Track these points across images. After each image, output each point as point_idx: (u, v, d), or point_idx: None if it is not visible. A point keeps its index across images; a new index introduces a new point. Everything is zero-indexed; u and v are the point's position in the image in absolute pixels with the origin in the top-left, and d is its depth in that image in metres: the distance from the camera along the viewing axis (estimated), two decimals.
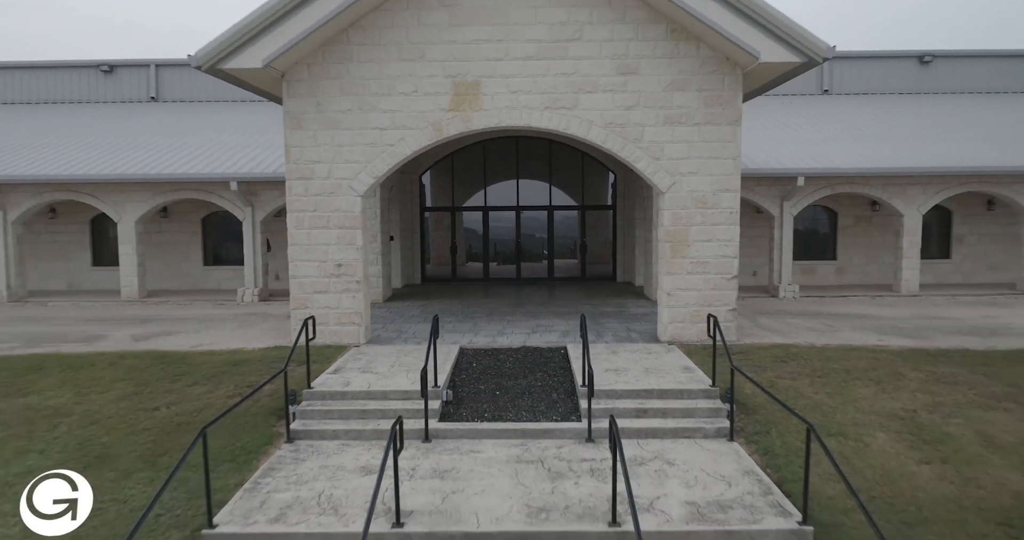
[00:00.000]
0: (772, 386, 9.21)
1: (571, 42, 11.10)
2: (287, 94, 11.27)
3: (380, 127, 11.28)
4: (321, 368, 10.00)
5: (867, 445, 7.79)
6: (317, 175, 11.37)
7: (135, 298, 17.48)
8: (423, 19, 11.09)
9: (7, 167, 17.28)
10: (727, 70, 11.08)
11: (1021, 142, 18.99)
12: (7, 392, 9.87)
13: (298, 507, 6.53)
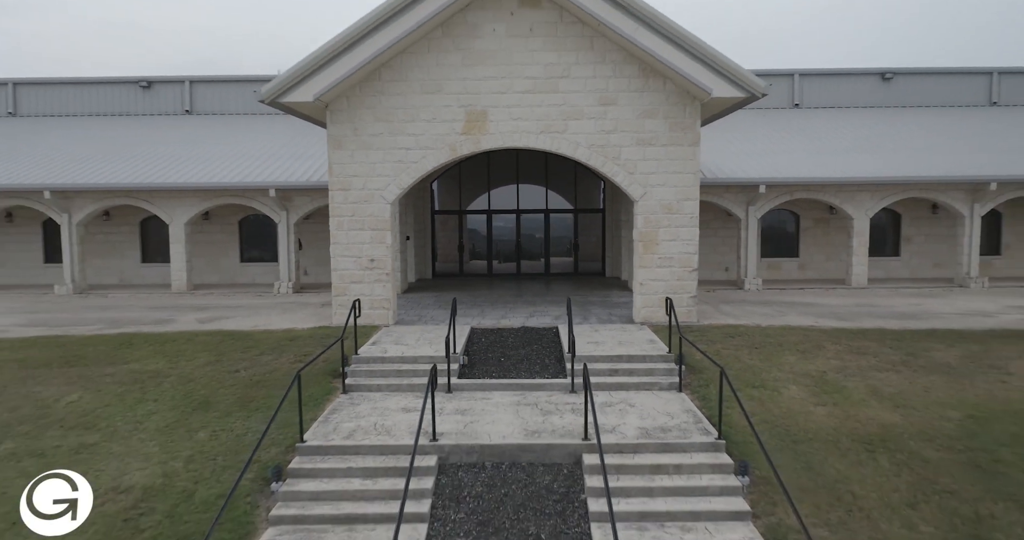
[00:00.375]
0: (717, 354, 11.75)
1: (561, 79, 13.66)
2: (330, 121, 13.82)
3: (406, 147, 13.83)
4: (361, 342, 12.53)
5: (780, 393, 10.35)
6: (354, 187, 13.92)
7: (184, 290, 20.05)
8: (441, 60, 13.65)
9: (74, 177, 19.84)
10: (687, 102, 13.63)
11: (965, 153, 21.58)
12: (112, 360, 12.42)
13: (360, 431, 9.08)
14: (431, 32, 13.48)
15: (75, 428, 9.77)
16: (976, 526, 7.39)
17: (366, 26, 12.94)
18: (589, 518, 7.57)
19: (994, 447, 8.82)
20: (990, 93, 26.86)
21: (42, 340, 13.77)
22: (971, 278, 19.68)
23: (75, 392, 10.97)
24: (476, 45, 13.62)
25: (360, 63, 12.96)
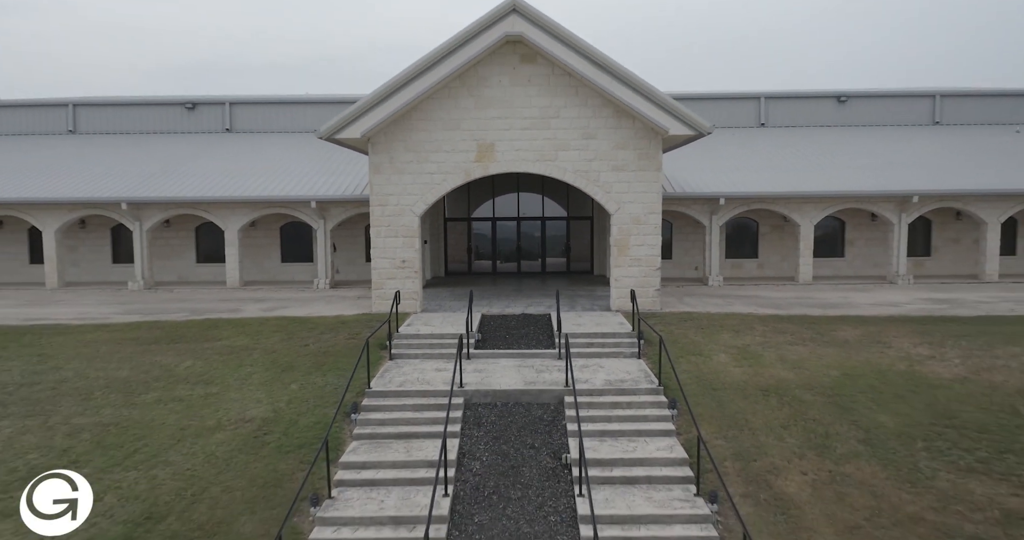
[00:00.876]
0: (670, 333, 15.46)
1: (553, 119, 17.38)
2: (371, 151, 17.54)
3: (430, 172, 17.55)
4: (397, 325, 16.24)
5: (711, 359, 14.08)
6: (390, 203, 17.64)
7: (237, 286, 23.77)
8: (458, 104, 17.37)
9: (145, 192, 23.55)
10: (651, 137, 17.35)
11: (901, 167, 25.25)
12: (206, 338, 16.14)
13: (408, 382, 12.80)
14: (450, 82, 17.20)
15: (198, 383, 13.50)
16: (824, 439, 11.10)
17: (401, 80, 16.69)
18: (567, 435, 11.29)
19: (853, 393, 12.55)
20: (933, 113, 30.60)
21: (144, 324, 17.50)
22: (899, 276, 23.40)
23: (187, 360, 14.70)
24: (486, 92, 17.34)
25: (396, 109, 16.70)
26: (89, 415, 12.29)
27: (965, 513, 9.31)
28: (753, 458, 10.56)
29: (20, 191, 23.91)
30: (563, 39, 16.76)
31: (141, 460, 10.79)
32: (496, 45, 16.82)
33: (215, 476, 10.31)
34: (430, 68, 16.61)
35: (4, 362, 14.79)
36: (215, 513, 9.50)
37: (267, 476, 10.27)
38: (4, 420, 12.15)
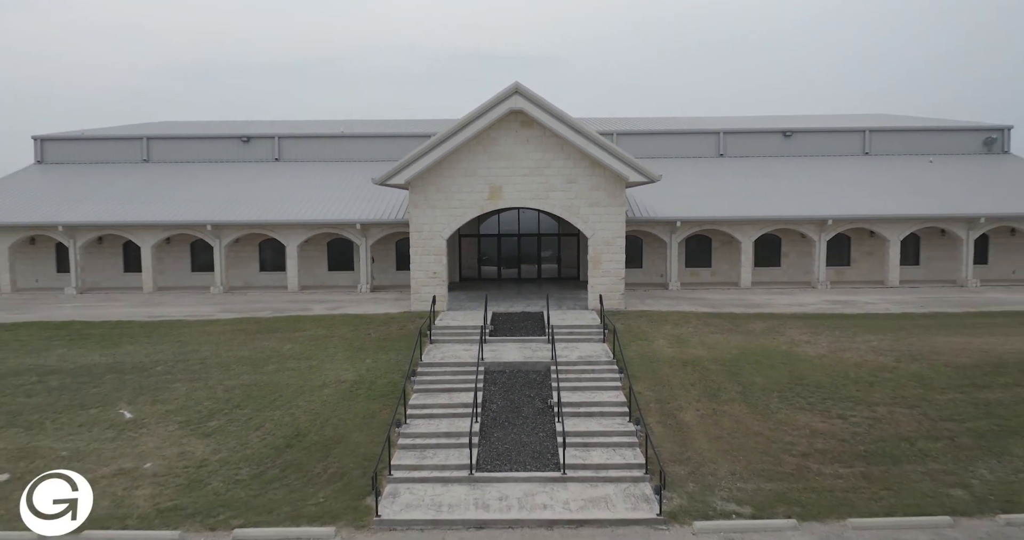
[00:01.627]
0: (627, 325, 21.60)
1: (545, 168, 23.57)
2: (411, 191, 23.71)
3: (454, 207, 23.73)
4: (432, 320, 22.37)
5: (653, 343, 20.25)
6: (424, 230, 23.82)
7: (296, 290, 29.93)
8: (475, 158, 23.54)
9: (225, 216, 29.68)
10: (617, 182, 23.53)
11: (826, 194, 31.30)
12: (294, 329, 22.29)
13: (446, 357, 19.00)
14: (469, 142, 23.37)
15: (300, 359, 19.65)
16: (715, 392, 17.24)
17: (434, 143, 22.91)
18: (551, 389, 17.43)
19: (743, 364, 18.71)
20: (864, 146, 36.76)
21: (243, 320, 23.66)
22: (819, 282, 29.59)
23: (287, 344, 20.87)
24: (495, 148, 23.52)
25: (429, 163, 22.90)
26: (233, 379, 18.45)
27: (788, 430, 15.47)
28: (667, 402, 16.73)
29: (122, 216, 30.04)
30: (552, 112, 22.95)
31: (280, 405, 16.95)
32: (503, 115, 23.02)
33: (331, 413, 16.48)
34: (455, 134, 22.83)
35: (158, 346, 20.96)
36: (337, 432, 15.66)
37: (364, 412, 16.44)
38: (178, 383, 18.30)
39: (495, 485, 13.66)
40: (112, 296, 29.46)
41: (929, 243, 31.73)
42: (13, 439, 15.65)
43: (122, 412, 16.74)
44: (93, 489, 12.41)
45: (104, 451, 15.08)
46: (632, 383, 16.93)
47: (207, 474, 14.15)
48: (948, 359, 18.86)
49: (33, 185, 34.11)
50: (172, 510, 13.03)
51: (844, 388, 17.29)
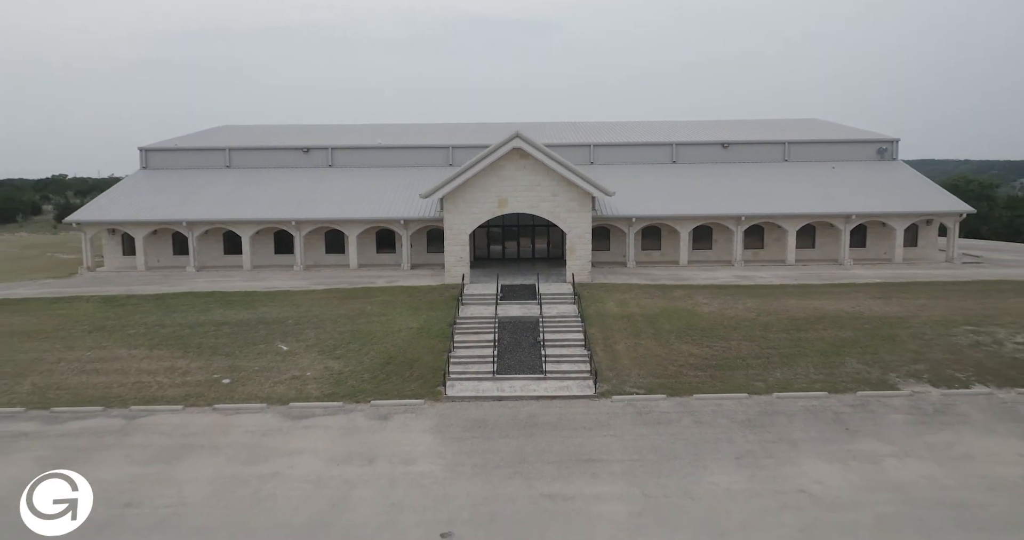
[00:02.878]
0: (590, 293, 32.39)
1: (536, 186, 34.24)
2: (446, 201, 34.38)
3: (474, 213, 34.43)
4: (462, 290, 33.10)
5: (605, 304, 31.10)
6: (454, 228, 34.56)
7: (355, 268, 40.65)
8: (488, 179, 34.16)
9: (304, 213, 40.25)
10: (586, 196, 34.21)
11: (747, 195, 41.83)
12: (368, 297, 33.10)
13: (474, 314, 29.84)
14: (484, 169, 33.94)
15: (379, 315, 30.49)
16: (638, 333, 28.09)
17: (461, 170, 33.50)
18: (539, 332, 28.24)
19: (660, 317, 29.54)
20: (784, 154, 47.23)
21: (331, 290, 34.44)
22: (736, 261, 40.38)
23: (367, 306, 31.69)
24: (502, 172, 34.12)
25: (458, 184, 33.55)
26: (341, 327, 29.27)
27: (675, 354, 26.29)
28: (607, 339, 27.59)
29: (229, 214, 40.62)
30: (540, 149, 33.50)
31: (375, 341, 27.78)
32: (507, 151, 33.58)
33: (407, 345, 27.33)
34: (475, 164, 33.42)
35: (282, 308, 31.74)
36: (413, 356, 26.50)
37: (427, 346, 27.27)
38: (307, 330, 29.10)
39: (507, 381, 24.57)
40: (222, 273, 40.22)
41: (822, 231, 42.41)
42: (222, 361, 26.49)
43: (280, 346, 27.63)
44: (279, 389, 23.37)
45: (279, 367, 25.94)
46: (587, 328, 27.82)
47: (344, 378, 25.01)
48: (790, 314, 29.73)
49: (148, 188, 44.64)
50: (331, 395, 23.88)
51: (716, 331, 28.14)
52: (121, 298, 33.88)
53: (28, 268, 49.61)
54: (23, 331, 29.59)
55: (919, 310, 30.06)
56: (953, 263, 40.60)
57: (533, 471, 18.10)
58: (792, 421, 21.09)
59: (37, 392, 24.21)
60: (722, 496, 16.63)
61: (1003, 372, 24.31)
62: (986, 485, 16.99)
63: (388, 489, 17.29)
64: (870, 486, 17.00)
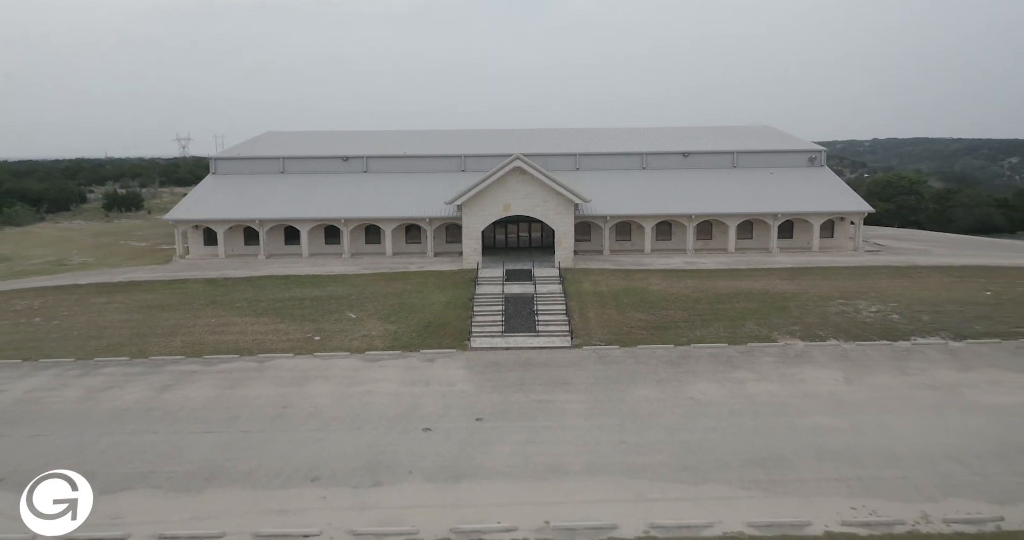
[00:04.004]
0: (572, 276, 42.94)
1: (532, 194, 44.73)
2: (463, 207, 44.86)
3: (485, 215, 44.94)
4: (477, 272, 43.63)
5: (582, 284, 41.71)
6: (471, 226, 45.10)
7: (390, 255, 51.18)
8: (495, 190, 44.59)
9: (351, 212, 50.68)
10: (569, 202, 44.67)
11: (698, 197, 52.23)
12: (407, 279, 43.67)
13: (486, 292, 40.42)
14: (493, 183, 44.34)
15: (417, 293, 41.09)
16: (603, 305, 38.66)
17: (474, 183, 43.92)
18: (535, 304, 38.86)
19: (621, 294, 40.15)
20: (733, 162, 57.56)
21: (376, 274, 45.02)
22: (689, 250, 50.94)
23: (407, 286, 42.28)
24: (506, 185, 44.56)
25: (472, 194, 44.01)
26: (391, 301, 39.83)
27: (629, 319, 36.95)
28: (582, 309, 38.17)
29: (291, 213, 51.04)
30: (534, 168, 43.89)
31: (417, 311, 38.35)
32: (510, 170, 43.98)
33: (440, 313, 37.92)
34: (484, 180, 43.81)
35: (344, 287, 42.29)
36: (445, 321, 37.05)
37: (455, 314, 37.83)
38: (367, 303, 39.69)
39: (511, 337, 35.20)
40: (286, 259, 50.73)
41: (758, 226, 52.88)
42: (310, 326, 37.07)
43: (349, 314, 38.25)
44: (355, 343, 34.09)
45: (351, 329, 36.53)
46: (568, 302, 38.44)
47: (399, 336, 35.61)
48: (716, 291, 40.31)
49: (222, 191, 54.99)
50: (391, 346, 34.49)
51: (660, 303, 38.73)
52: (220, 280, 44.45)
53: (119, 254, 60.21)
54: (157, 305, 40.19)
55: (810, 288, 40.72)
56: (857, 251, 51.23)
57: (529, 389, 28.82)
58: (699, 362, 31.79)
59: (187, 346, 34.87)
60: (641, 400, 27.37)
61: (853, 331, 34.98)
62: (802, 393, 27.74)
63: (440, 398, 28.02)
64: (732, 395, 27.74)
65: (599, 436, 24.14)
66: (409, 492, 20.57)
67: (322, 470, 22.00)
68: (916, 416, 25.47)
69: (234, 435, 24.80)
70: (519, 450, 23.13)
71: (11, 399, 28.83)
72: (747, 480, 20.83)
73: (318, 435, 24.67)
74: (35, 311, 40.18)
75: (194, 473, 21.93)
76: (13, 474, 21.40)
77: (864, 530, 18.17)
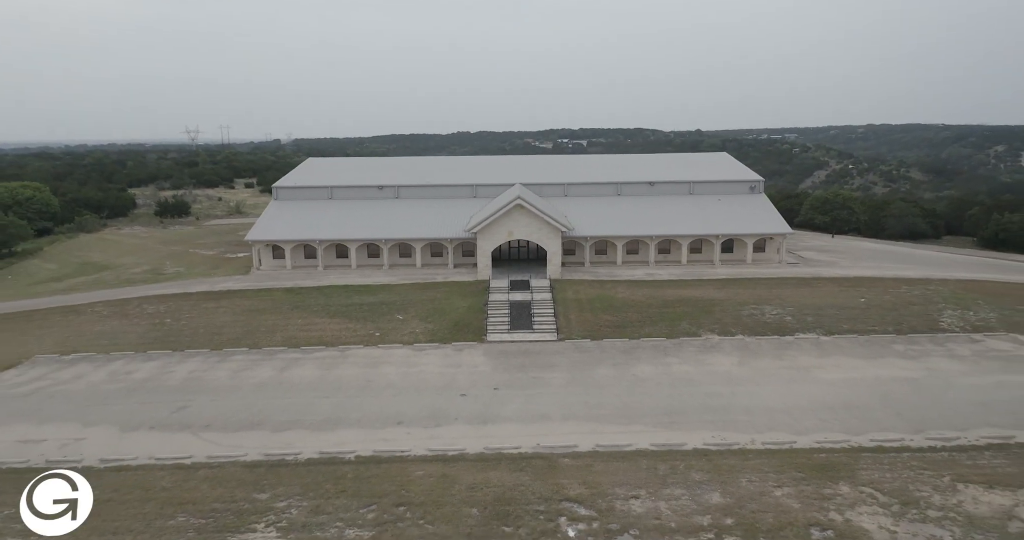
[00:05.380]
0: (559, 285, 56.39)
1: (529, 224, 58.15)
2: (478, 234, 58.32)
3: (493, 239, 58.39)
4: (489, 283, 57.09)
5: (567, 293, 55.18)
6: (484, 247, 58.56)
7: (419, 267, 64.65)
8: (501, 222, 58.00)
9: (389, 233, 64.14)
10: (557, 230, 58.15)
11: (660, 220, 65.65)
12: (435, 288, 57.16)
13: (495, 298, 53.96)
14: (500, 216, 57.76)
15: (444, 299, 54.60)
16: (582, 309, 52.25)
17: (486, 216, 57.41)
18: (532, 309, 52.39)
19: (595, 300, 53.63)
20: (689, 190, 70.93)
21: (411, 284, 58.52)
22: (651, 263, 64.44)
23: (436, 294, 55.79)
24: (509, 217, 57.98)
25: (484, 225, 57.44)
26: (425, 306, 53.34)
27: (600, 320, 50.44)
28: (567, 312, 51.63)
29: (343, 234, 64.47)
30: (531, 205, 57.29)
31: (446, 313, 51.87)
32: (512, 207, 57.42)
33: (464, 315, 51.42)
34: (493, 214, 57.26)
35: (389, 295, 55.79)
36: (468, 321, 50.55)
37: (474, 316, 51.29)
38: (410, 308, 53.20)
39: (515, 333, 48.73)
40: (339, 271, 64.21)
41: (705, 243, 66.33)
42: (370, 325, 50.60)
43: (397, 316, 51.80)
44: (405, 337, 47.70)
45: (400, 327, 50.07)
46: (555, 307, 51.98)
47: (436, 332, 49.12)
48: (665, 298, 53.83)
49: (285, 215, 68.34)
50: (431, 340, 47.99)
51: (622, 308, 52.25)
52: (295, 289, 57.94)
53: (199, 263, 73.55)
54: (255, 309, 53.72)
55: (734, 296, 54.30)
56: (780, 264, 64.78)
57: (527, 369, 42.42)
58: (643, 351, 45.40)
59: (286, 340, 48.44)
60: (601, 377, 40.98)
61: (755, 328, 48.59)
62: (707, 372, 41.39)
63: (468, 375, 41.64)
64: (661, 373, 41.37)
65: (572, 399, 37.82)
66: (456, 430, 34.24)
67: (403, 418, 35.68)
68: (775, 386, 39.18)
69: (341, 399, 38.46)
70: (521, 406, 36.82)
71: (180, 378, 42.45)
72: (657, 423, 34.53)
73: (395, 398, 38.35)
74: (163, 314, 53.70)
75: (325, 421, 35.60)
76: (214, 423, 35.14)
77: (715, 447, 31.87)
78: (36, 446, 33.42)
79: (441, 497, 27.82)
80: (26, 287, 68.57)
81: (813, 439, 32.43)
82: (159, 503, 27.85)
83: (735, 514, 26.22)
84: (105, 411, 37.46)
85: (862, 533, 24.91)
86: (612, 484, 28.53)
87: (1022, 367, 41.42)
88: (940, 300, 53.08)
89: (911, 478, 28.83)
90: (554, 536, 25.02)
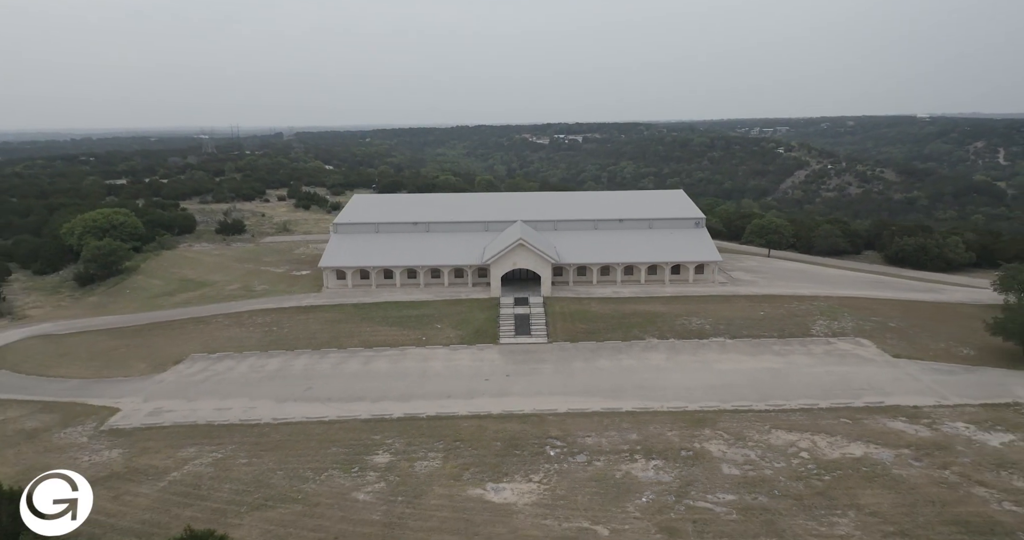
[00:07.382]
0: (549, 301, 76.49)
1: (528, 258, 78.30)
2: (491, 264, 78.54)
3: (502, 267, 78.61)
4: (499, 299, 77.22)
5: (555, 307, 75.39)
6: (494, 273, 78.74)
7: (446, 286, 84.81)
8: (507, 255, 78.12)
9: (425, 261, 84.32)
10: (548, 260, 78.38)
11: (626, 250, 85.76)
12: (460, 304, 77.35)
13: (504, 312, 74.18)
14: (508, 252, 77.94)
15: (467, 312, 74.76)
16: (568, 320, 72.43)
17: (497, 252, 77.71)
18: (530, 319, 72.59)
19: (576, 313, 73.83)
20: (649, 225, 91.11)
21: (442, 300, 78.68)
22: (619, 283, 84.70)
23: (462, 308, 75.97)
24: (514, 252, 78.10)
25: (496, 258, 77.63)
26: (455, 318, 73.47)
27: (579, 327, 70.61)
28: (555, 322, 71.68)
29: (390, 261, 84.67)
30: (530, 244, 77.46)
31: (471, 323, 71.95)
32: (516, 246, 77.65)
33: (482, 324, 71.51)
34: (502, 250, 77.46)
35: (427, 309, 75.88)
36: (486, 329, 70.64)
37: (490, 325, 71.37)
38: (444, 319, 73.32)
39: (519, 338, 68.80)
40: (386, 289, 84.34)
41: (659, 267, 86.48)
42: (418, 332, 70.69)
43: (436, 326, 72.01)
44: (443, 340, 68.05)
45: (439, 334, 70.21)
46: (547, 318, 72.16)
47: (464, 337, 69.22)
48: (624, 312, 73.91)
49: (345, 246, 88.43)
50: (461, 343, 68.10)
51: (594, 319, 72.30)
52: (360, 305, 78.06)
53: (277, 281, 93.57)
54: (334, 320, 73.94)
55: (674, 310, 74.49)
56: (713, 284, 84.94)
57: (528, 363, 62.69)
58: (605, 351, 65.59)
59: (362, 343, 68.69)
60: (575, 368, 61.23)
61: (683, 334, 68.76)
62: (644, 365, 61.65)
63: (489, 367, 61.94)
64: (614, 366, 61.57)
65: (556, 381, 58.16)
66: (484, 401, 54.53)
67: (450, 393, 56.01)
68: (685, 374, 59.52)
69: (408, 382, 58.80)
70: (525, 386, 57.17)
71: (299, 369, 62.77)
72: (606, 396, 54.78)
73: (443, 382, 58.69)
74: (270, 324, 73.92)
75: (402, 395, 55.93)
76: (333, 397, 55.65)
77: (638, 409, 52.23)
78: (228, 412, 53.81)
79: (479, 437, 48.21)
80: (148, 300, 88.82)
81: (698, 405, 52.83)
82: (318, 441, 48.31)
83: (642, 444, 46.63)
84: (259, 390, 57.84)
85: (707, 452, 45.33)
86: (576, 429, 48.95)
87: (850, 360, 61.81)
88: (818, 313, 73.45)
89: (747, 426, 49.23)
90: (542, 454, 45.45)
